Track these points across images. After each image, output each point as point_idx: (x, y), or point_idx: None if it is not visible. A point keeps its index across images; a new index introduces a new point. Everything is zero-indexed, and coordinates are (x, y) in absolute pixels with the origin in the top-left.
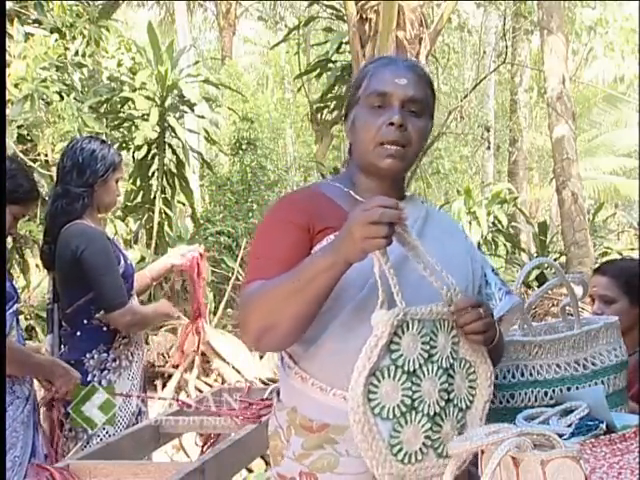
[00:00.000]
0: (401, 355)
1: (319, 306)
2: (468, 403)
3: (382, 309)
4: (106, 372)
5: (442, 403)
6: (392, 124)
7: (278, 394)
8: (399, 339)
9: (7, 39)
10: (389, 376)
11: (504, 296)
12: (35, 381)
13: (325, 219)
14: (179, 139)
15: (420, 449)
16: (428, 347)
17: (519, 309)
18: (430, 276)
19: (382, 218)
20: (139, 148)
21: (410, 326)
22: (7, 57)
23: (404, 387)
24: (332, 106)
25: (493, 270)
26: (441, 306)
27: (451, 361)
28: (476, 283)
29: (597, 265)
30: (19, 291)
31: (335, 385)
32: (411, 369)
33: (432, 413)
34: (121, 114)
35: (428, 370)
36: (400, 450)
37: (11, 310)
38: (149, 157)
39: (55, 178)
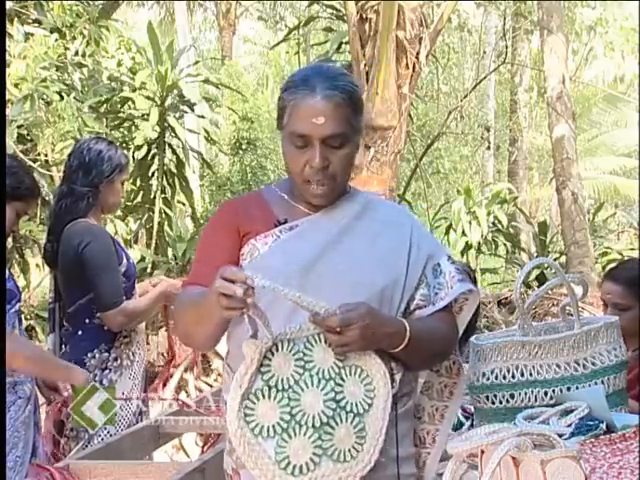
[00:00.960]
0: (273, 375)
1: (222, 328)
2: (366, 406)
3: (251, 338)
4: (107, 372)
5: (329, 412)
6: (313, 167)
7: None
8: (269, 361)
9: (7, 39)
10: (264, 397)
11: (456, 284)
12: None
13: (253, 223)
14: (179, 139)
15: (311, 459)
16: (303, 362)
17: (477, 296)
18: (302, 303)
19: (219, 290)
20: (139, 148)
21: (280, 347)
22: (7, 57)
23: (282, 404)
24: None
25: (449, 258)
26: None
27: (337, 370)
28: (415, 273)
29: (607, 270)
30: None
31: None
32: (286, 386)
33: (318, 424)
34: (121, 114)
35: (307, 384)
36: (288, 464)
37: (14, 309)
38: (149, 157)
39: (61, 177)
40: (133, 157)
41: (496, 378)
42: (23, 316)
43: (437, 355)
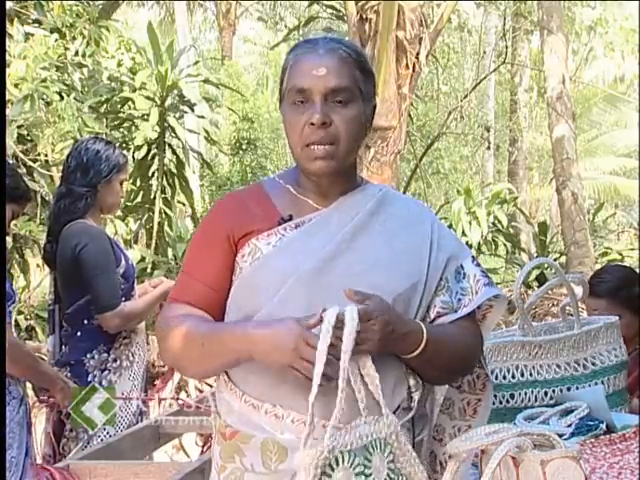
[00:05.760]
0: None
1: (226, 370)
2: None
3: (305, 448)
4: (107, 372)
5: None
6: (313, 124)
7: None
8: (329, 478)
9: (7, 39)
10: None
11: (482, 288)
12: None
13: (252, 222)
14: (179, 139)
15: None
16: (363, 477)
17: (502, 302)
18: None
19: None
20: (139, 148)
21: (340, 461)
22: (7, 57)
23: None
24: None
25: (473, 260)
26: (373, 425)
27: None
28: (434, 276)
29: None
30: (18, 291)
31: (246, 391)
32: None
33: None
34: (121, 114)
35: None
36: None
37: (7, 310)
38: (149, 157)
39: (60, 178)
40: (133, 157)
41: (496, 378)
42: (23, 316)
43: (458, 367)
